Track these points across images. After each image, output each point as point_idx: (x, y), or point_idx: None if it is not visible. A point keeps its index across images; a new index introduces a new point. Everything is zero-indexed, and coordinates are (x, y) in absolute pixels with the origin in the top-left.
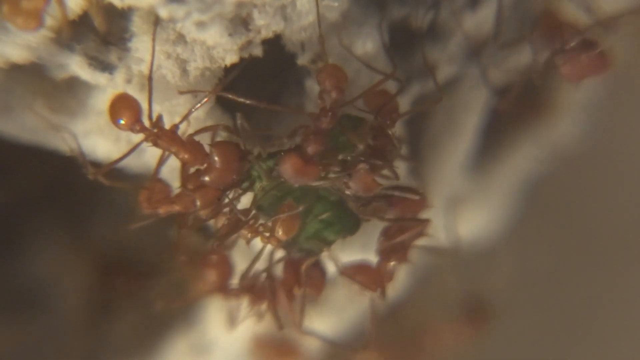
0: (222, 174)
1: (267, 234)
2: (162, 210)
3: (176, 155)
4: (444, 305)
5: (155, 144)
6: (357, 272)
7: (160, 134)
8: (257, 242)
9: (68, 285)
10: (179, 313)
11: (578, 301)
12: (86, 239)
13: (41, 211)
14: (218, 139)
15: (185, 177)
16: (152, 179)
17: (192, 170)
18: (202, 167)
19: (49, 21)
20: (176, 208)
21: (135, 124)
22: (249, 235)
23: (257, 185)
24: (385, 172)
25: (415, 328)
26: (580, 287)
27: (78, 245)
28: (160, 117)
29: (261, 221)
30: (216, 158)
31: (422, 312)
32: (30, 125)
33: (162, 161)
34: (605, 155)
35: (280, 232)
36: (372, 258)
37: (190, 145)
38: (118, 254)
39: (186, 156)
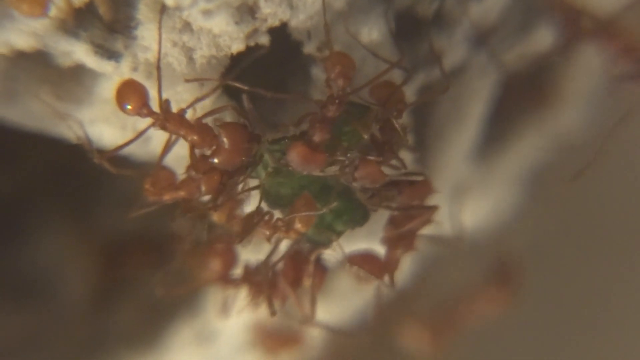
0: (232, 155)
1: (285, 228)
2: (167, 197)
3: (185, 138)
4: (460, 284)
5: (164, 128)
6: (363, 262)
7: (168, 117)
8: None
9: (72, 273)
10: (183, 301)
11: (582, 289)
12: (90, 227)
13: (45, 199)
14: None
15: (194, 160)
16: (156, 166)
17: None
18: (209, 152)
19: (55, 8)
20: (181, 194)
21: (143, 107)
22: (267, 232)
23: (263, 173)
24: (394, 162)
25: (439, 304)
26: (584, 276)
27: (82, 232)
28: (167, 102)
29: (277, 216)
30: (225, 139)
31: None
32: (35, 112)
33: (167, 148)
34: (609, 143)
35: (299, 225)
36: (377, 247)
37: (198, 127)
38: (124, 239)
39: (195, 138)
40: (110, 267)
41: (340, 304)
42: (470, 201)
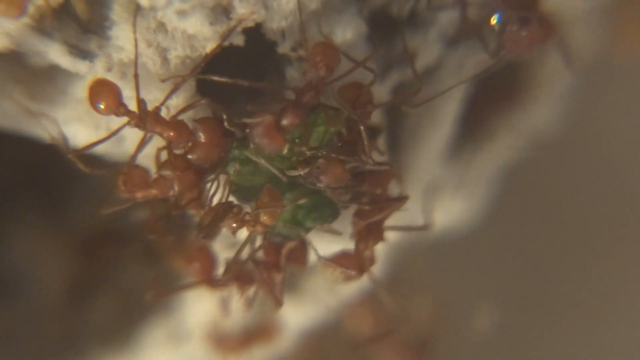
0: (209, 150)
1: (252, 222)
2: (140, 195)
3: (161, 135)
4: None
5: (139, 126)
6: (338, 260)
7: (144, 116)
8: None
9: (45, 271)
10: (157, 301)
11: (555, 288)
12: (64, 224)
13: (18, 197)
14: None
15: (173, 158)
16: (130, 164)
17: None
18: (185, 149)
19: (31, 8)
20: (153, 192)
21: (119, 107)
22: (234, 225)
23: (231, 169)
24: (363, 157)
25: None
26: (557, 274)
27: (55, 230)
28: (143, 101)
29: (246, 209)
30: (201, 134)
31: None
32: (8, 112)
33: (140, 146)
34: (581, 142)
35: (265, 218)
36: (349, 245)
37: (174, 124)
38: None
39: (171, 134)
40: (84, 264)
41: (313, 303)
42: (443, 200)
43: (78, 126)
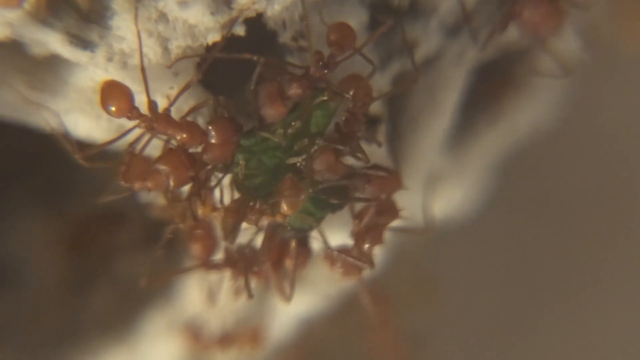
0: (222, 150)
1: (272, 211)
2: (137, 186)
3: (173, 137)
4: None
5: (151, 129)
6: (338, 257)
7: (156, 119)
8: None
9: (44, 259)
10: (157, 289)
11: (555, 277)
12: (63, 213)
13: (15, 185)
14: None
15: (189, 160)
16: (132, 154)
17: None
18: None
19: None
20: (148, 185)
21: (131, 110)
22: (253, 217)
23: (236, 165)
24: (359, 154)
25: None
26: (555, 264)
27: (54, 220)
28: (154, 103)
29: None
30: (214, 134)
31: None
32: (8, 102)
33: (147, 141)
34: (582, 131)
35: (286, 208)
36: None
37: (186, 125)
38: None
39: (184, 136)
40: (83, 252)
41: (311, 293)
42: (443, 189)
43: (79, 116)
